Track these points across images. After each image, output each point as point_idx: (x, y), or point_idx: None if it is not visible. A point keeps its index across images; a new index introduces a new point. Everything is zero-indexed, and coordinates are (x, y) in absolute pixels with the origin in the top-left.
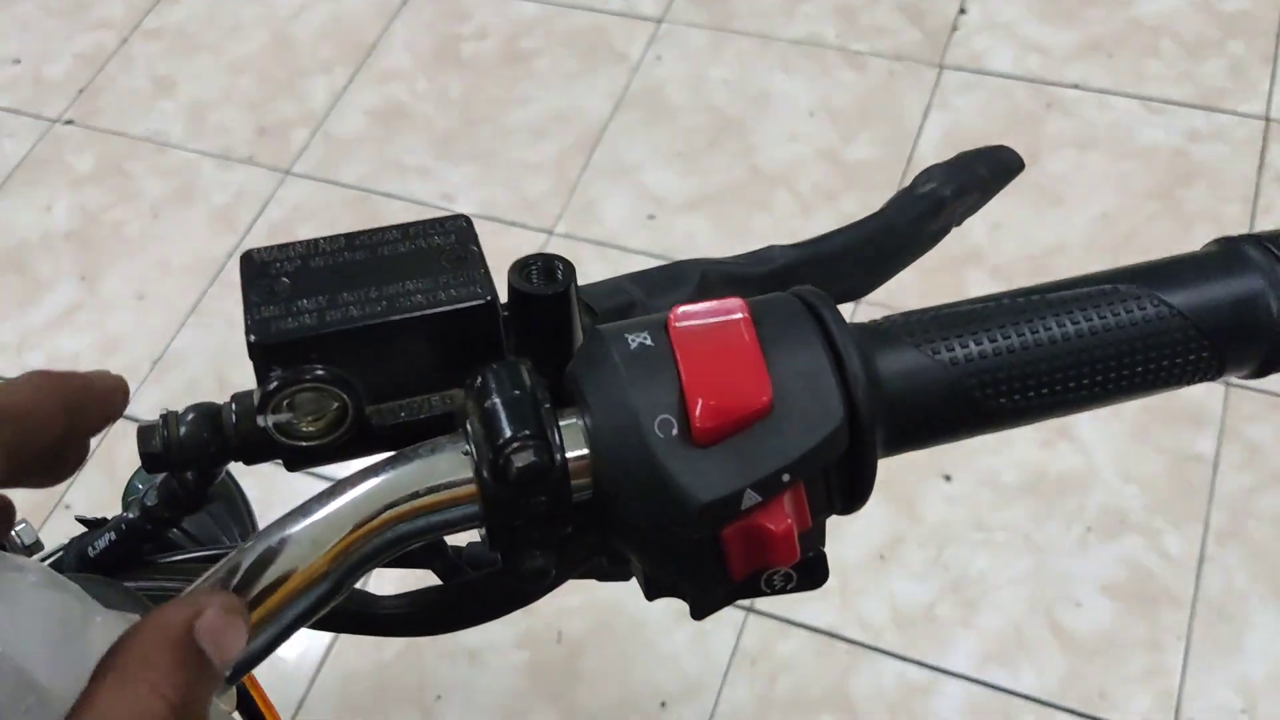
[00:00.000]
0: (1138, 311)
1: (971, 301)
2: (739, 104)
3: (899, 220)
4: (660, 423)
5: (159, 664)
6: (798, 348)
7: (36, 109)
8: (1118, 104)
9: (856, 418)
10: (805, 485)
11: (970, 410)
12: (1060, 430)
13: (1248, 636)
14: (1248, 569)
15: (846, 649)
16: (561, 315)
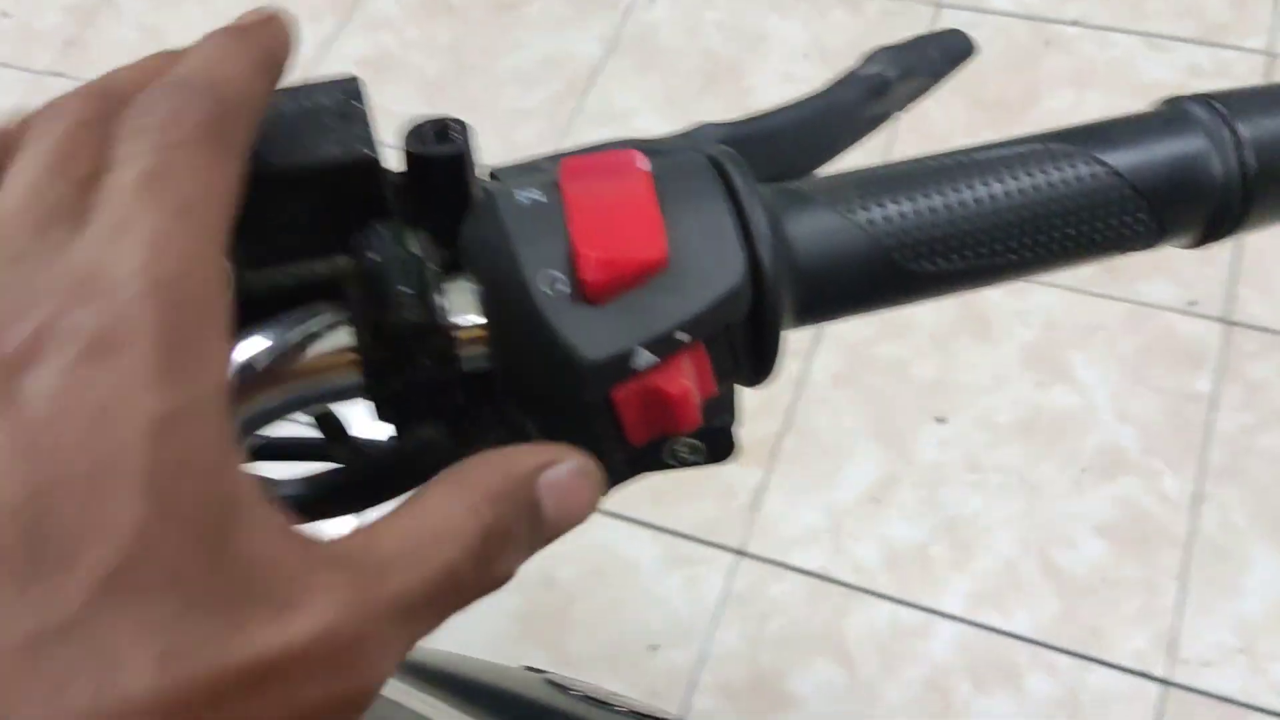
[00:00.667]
0: (1069, 170)
1: (895, 164)
2: (732, 46)
3: (839, 101)
4: (548, 279)
5: (491, 494)
6: (698, 202)
7: (25, 61)
8: (1118, 40)
9: (760, 276)
10: (709, 350)
11: (889, 275)
12: (1057, 371)
13: (1245, 576)
14: (1246, 508)
15: (839, 591)
16: (456, 179)
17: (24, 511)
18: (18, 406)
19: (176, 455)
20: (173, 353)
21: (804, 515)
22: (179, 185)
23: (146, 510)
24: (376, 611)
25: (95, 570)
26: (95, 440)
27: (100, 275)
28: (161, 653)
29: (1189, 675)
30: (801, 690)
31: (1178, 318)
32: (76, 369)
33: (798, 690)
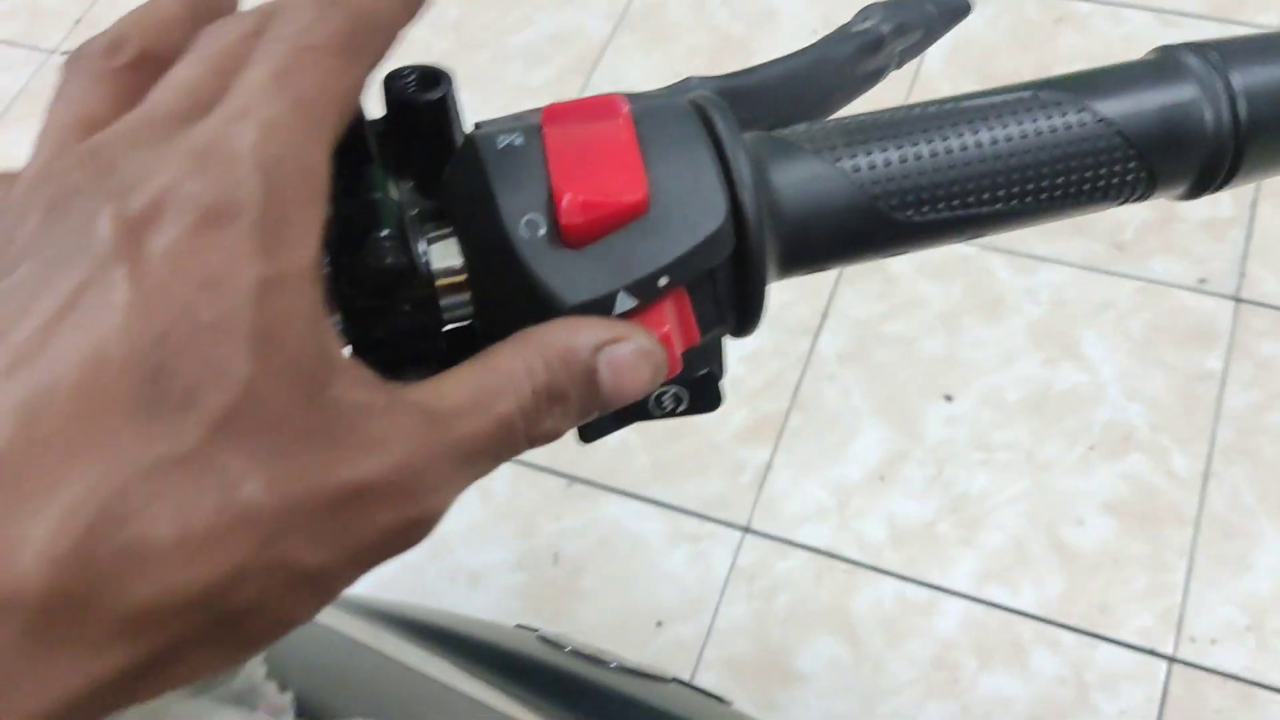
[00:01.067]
0: (1059, 118)
1: (881, 111)
2: (741, 22)
3: (830, 56)
4: (527, 222)
5: (550, 359)
6: (680, 146)
7: (34, 41)
8: (1131, 17)
9: (742, 220)
10: (695, 297)
11: (874, 224)
12: (1065, 349)
13: (1254, 553)
14: (1255, 486)
15: (845, 568)
16: (440, 126)
17: (150, 357)
18: (142, 263)
19: (278, 316)
20: (275, 226)
21: (810, 492)
22: (299, 81)
23: (254, 363)
24: (441, 453)
25: (212, 412)
26: (210, 300)
27: (216, 150)
28: (269, 477)
29: (1196, 653)
30: (807, 666)
31: (1188, 295)
32: (193, 234)
33: (804, 666)
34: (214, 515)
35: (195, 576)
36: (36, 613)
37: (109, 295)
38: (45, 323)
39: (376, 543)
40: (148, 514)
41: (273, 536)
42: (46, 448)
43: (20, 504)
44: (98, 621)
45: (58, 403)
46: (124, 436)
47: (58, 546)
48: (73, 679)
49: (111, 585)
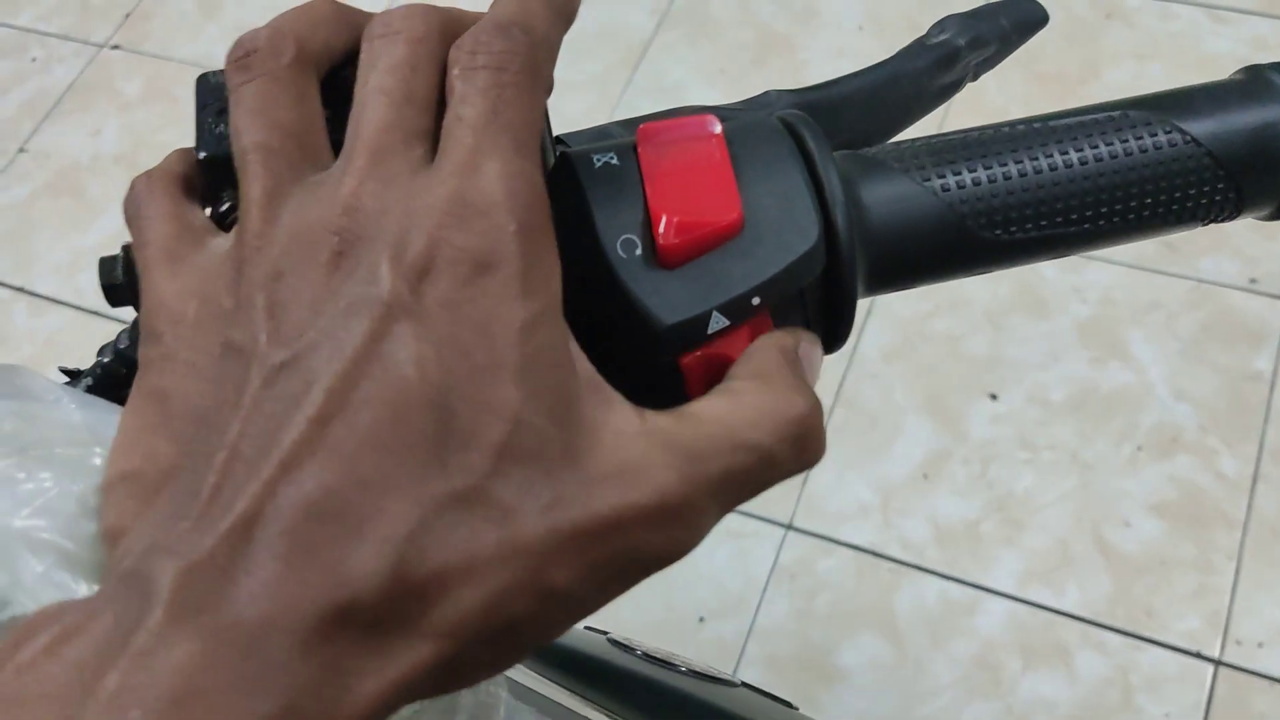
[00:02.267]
0: (1148, 139)
1: (968, 130)
2: (785, 19)
3: (907, 70)
4: (624, 243)
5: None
6: (773, 166)
7: (85, 34)
8: (1181, 12)
9: (833, 239)
10: (779, 317)
11: (962, 243)
12: (1113, 348)
13: None
14: None
15: (888, 567)
16: None
17: (437, 402)
18: (423, 314)
19: (538, 352)
20: (530, 270)
21: (853, 490)
22: (511, 120)
23: (521, 395)
24: (700, 486)
25: (492, 446)
26: (483, 345)
27: (469, 202)
28: (540, 505)
29: (1243, 656)
30: (849, 664)
31: (1238, 295)
32: (464, 285)
33: (845, 664)
34: (493, 545)
35: (479, 597)
36: (367, 622)
37: (401, 348)
38: (349, 372)
39: (631, 568)
40: (443, 543)
41: (541, 564)
42: (365, 486)
43: (349, 533)
44: (408, 632)
45: (372, 447)
46: (422, 475)
47: (383, 569)
48: (391, 672)
49: (420, 603)
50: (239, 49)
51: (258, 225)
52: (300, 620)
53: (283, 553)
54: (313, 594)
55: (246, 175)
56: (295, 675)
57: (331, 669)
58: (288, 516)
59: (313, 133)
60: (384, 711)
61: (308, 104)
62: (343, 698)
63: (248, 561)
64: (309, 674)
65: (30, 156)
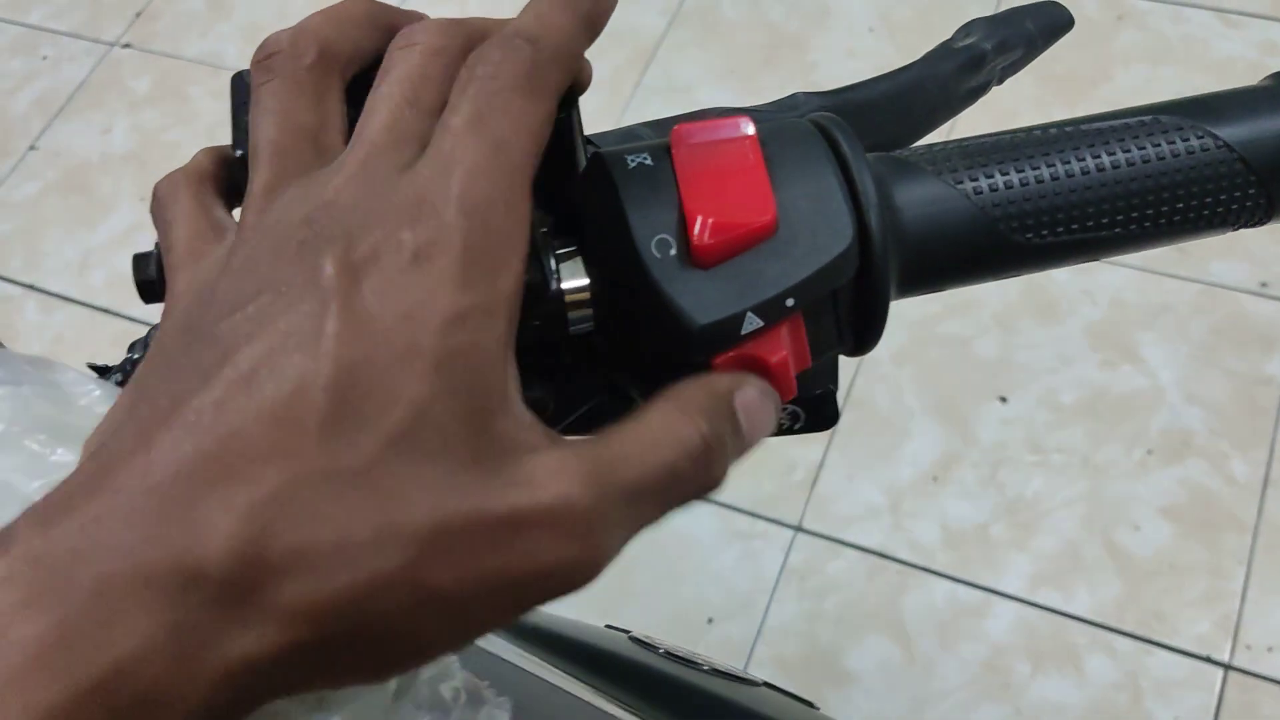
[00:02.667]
0: (1180, 144)
1: (1000, 133)
2: (796, 20)
3: (934, 73)
4: (658, 243)
5: (704, 409)
6: (806, 167)
7: (95, 33)
8: (1192, 16)
9: (867, 241)
10: (812, 320)
11: (994, 246)
12: (1123, 351)
13: None
14: None
15: (897, 569)
16: (566, 144)
17: (343, 380)
18: (353, 299)
19: (461, 348)
20: (472, 264)
21: (862, 492)
22: (494, 126)
23: (431, 389)
24: (608, 494)
25: (387, 431)
26: (402, 332)
27: (426, 201)
28: (426, 499)
29: (1252, 661)
30: (858, 666)
31: (1249, 299)
32: (399, 273)
33: (854, 666)
34: (372, 531)
35: (343, 582)
36: (215, 589)
37: (322, 325)
38: (273, 346)
39: (529, 579)
40: (316, 521)
41: (422, 557)
42: (246, 452)
43: (217, 495)
44: (260, 607)
45: (264, 415)
46: (308, 449)
47: (240, 536)
48: (236, 650)
49: (276, 577)
50: (263, 50)
51: (252, 217)
52: (144, 577)
53: (141, 509)
54: (160, 552)
55: (253, 171)
56: (131, 635)
57: (173, 634)
58: (157, 475)
59: (326, 131)
60: (232, 695)
61: (325, 105)
62: (184, 668)
63: (103, 515)
64: (146, 636)
65: (40, 154)
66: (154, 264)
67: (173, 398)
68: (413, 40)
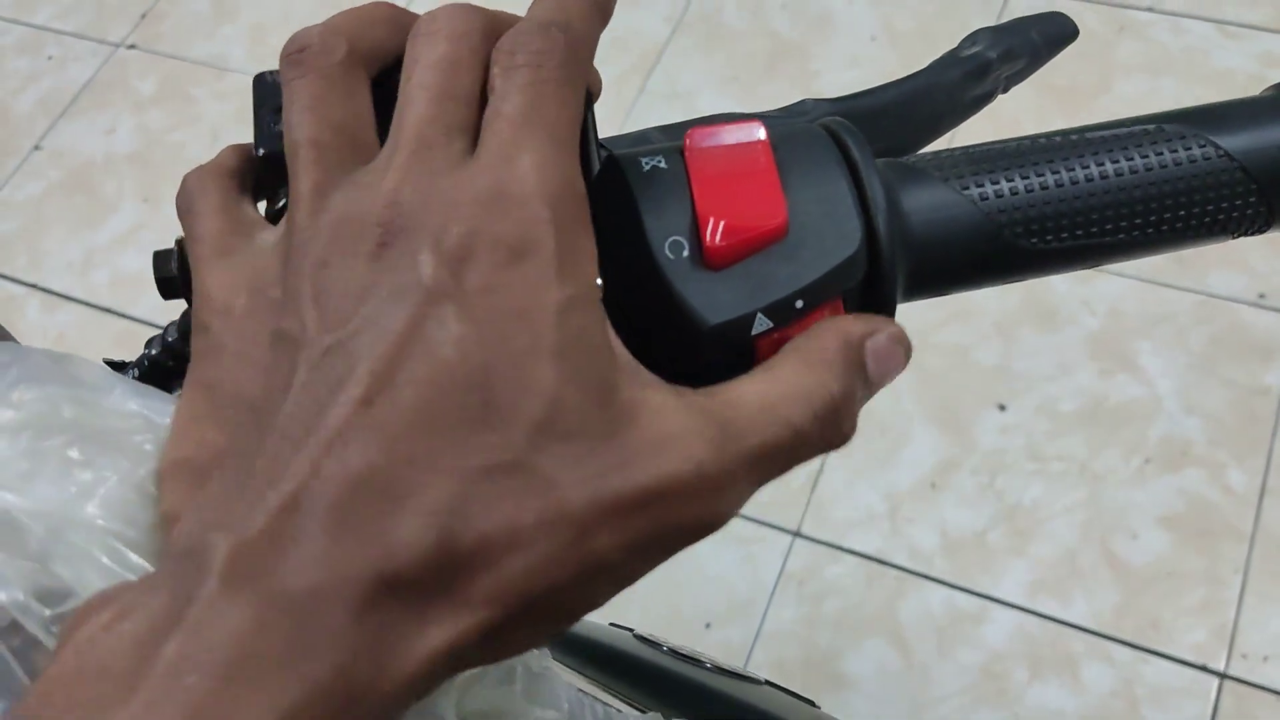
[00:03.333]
0: (1183, 152)
1: (1006, 140)
2: (799, 28)
3: (940, 81)
4: (671, 244)
5: (834, 363)
6: (817, 171)
7: (100, 34)
8: (1192, 27)
9: (875, 244)
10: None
11: (999, 251)
12: (1122, 360)
13: None
14: None
15: (895, 575)
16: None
17: (479, 381)
18: (464, 299)
19: (574, 333)
20: (565, 255)
21: (862, 498)
22: (548, 115)
23: (558, 378)
24: (736, 459)
25: (528, 423)
26: (521, 327)
27: (506, 193)
28: (580, 479)
29: (1248, 670)
30: (856, 671)
31: (1247, 310)
32: (502, 270)
33: (852, 671)
34: (535, 515)
35: (521, 566)
36: (411, 590)
37: (442, 330)
38: (393, 354)
39: (670, 538)
40: (486, 514)
41: (582, 533)
42: (410, 461)
43: (394, 506)
44: (451, 600)
45: (415, 424)
46: (465, 450)
47: (425, 541)
48: (437, 638)
49: (462, 572)
50: (293, 45)
51: (305, 218)
52: (348, 588)
53: (329, 525)
54: (359, 564)
55: (296, 169)
56: (344, 640)
57: (379, 634)
58: (333, 491)
59: (362, 128)
60: (432, 676)
61: (357, 100)
62: (391, 662)
63: (296, 534)
64: (357, 639)
65: (44, 154)
66: (175, 260)
67: (306, 411)
68: (434, 27)
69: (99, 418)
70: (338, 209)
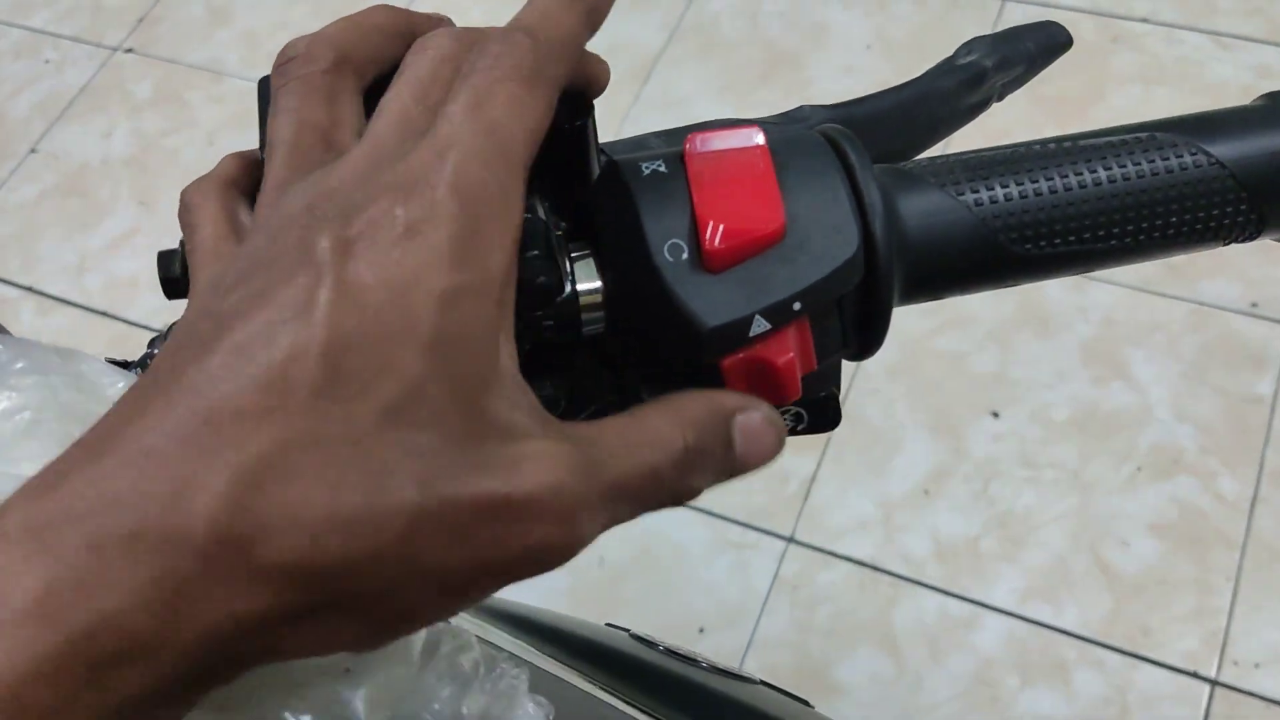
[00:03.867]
0: (1174, 159)
1: (1000, 147)
2: (793, 37)
3: (936, 89)
4: (670, 247)
5: (696, 421)
6: (815, 176)
7: (97, 37)
8: (1187, 38)
9: (872, 249)
10: (817, 324)
11: (993, 256)
12: (1115, 368)
13: None
14: None
15: (888, 581)
16: (581, 151)
17: (337, 351)
18: (347, 273)
19: (454, 327)
20: (463, 243)
21: (854, 504)
22: (490, 111)
23: (424, 364)
24: (593, 486)
25: (379, 402)
26: (395, 305)
27: (420, 181)
28: (421, 475)
29: (1239, 677)
30: (848, 678)
31: (1239, 319)
32: (391, 248)
33: (845, 677)
34: (362, 499)
35: (333, 549)
36: (202, 546)
37: (316, 297)
38: (269, 318)
39: (513, 559)
40: (306, 484)
41: (412, 532)
42: (240, 415)
43: (208, 455)
44: (247, 567)
45: (258, 381)
46: (302, 414)
47: (227, 496)
48: (222, 608)
49: (264, 537)
50: (282, 56)
51: (264, 212)
52: (132, 532)
53: (135, 468)
54: (149, 509)
55: (267, 168)
56: (123, 585)
57: (161, 586)
58: (150, 437)
59: (340, 131)
60: (224, 652)
61: (338, 106)
62: (171, 620)
63: (99, 475)
64: (137, 586)
65: (40, 157)
66: (178, 261)
67: (172, 370)
68: (426, 46)
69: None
70: (287, 201)
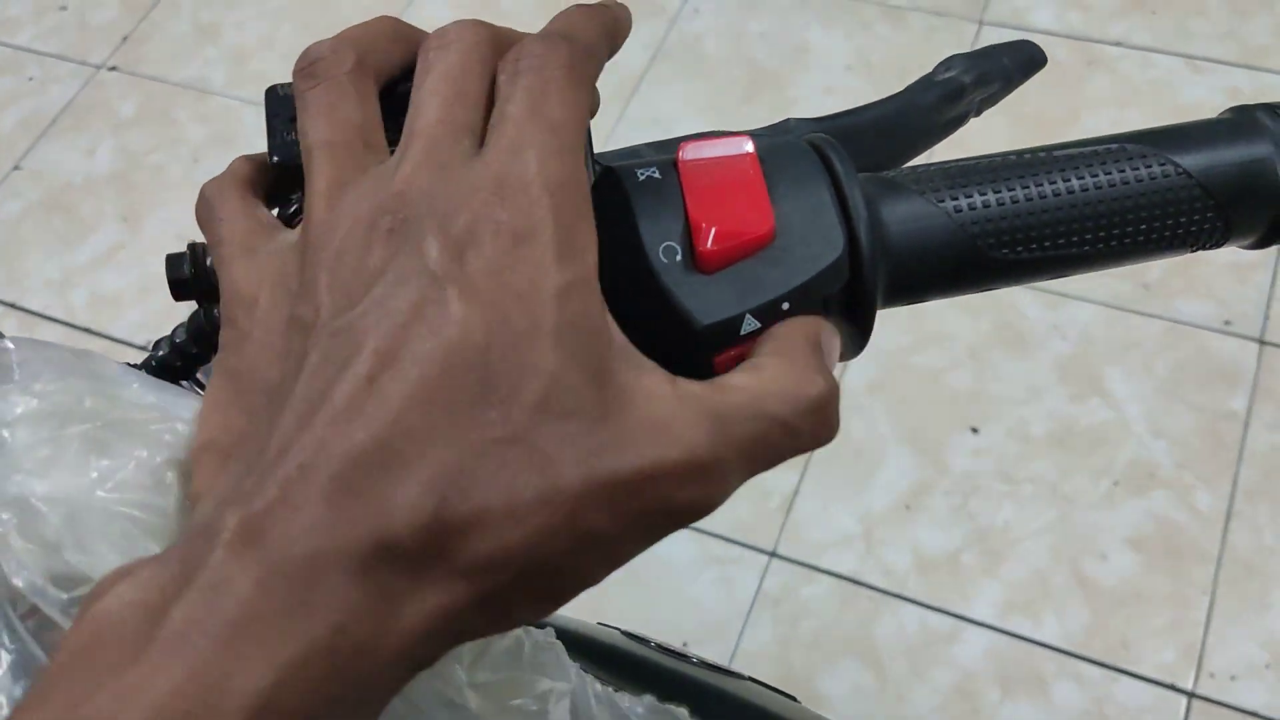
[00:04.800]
0: (1144, 170)
1: (979, 157)
2: (775, 57)
3: (916, 103)
4: (665, 249)
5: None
6: (802, 183)
7: (82, 55)
8: (1160, 62)
9: (857, 252)
10: None
11: (972, 261)
12: (1091, 385)
13: (1275, 592)
14: (1277, 526)
15: (869, 595)
16: None
17: (480, 359)
18: (467, 281)
19: (574, 316)
20: (564, 241)
21: (836, 519)
22: (551, 114)
23: (558, 359)
24: (727, 448)
25: (529, 401)
26: (521, 307)
27: (509, 183)
28: (578, 458)
29: (1216, 689)
30: (831, 691)
31: (1213, 336)
32: (504, 254)
33: (827, 691)
34: (535, 492)
35: (517, 537)
36: (407, 556)
37: (445, 311)
38: (398, 333)
39: (661, 519)
40: (484, 486)
41: (578, 510)
42: (409, 436)
43: (394, 477)
44: (447, 566)
45: (419, 399)
46: (465, 425)
47: (422, 509)
48: (430, 604)
49: (458, 541)
50: (304, 59)
51: (322, 213)
52: (347, 553)
53: (331, 494)
54: (358, 530)
55: (312, 170)
56: (342, 602)
57: (376, 598)
58: (337, 463)
59: (373, 131)
60: (431, 641)
61: (368, 106)
62: (387, 624)
63: (299, 503)
64: (354, 601)
65: (24, 174)
66: (188, 263)
67: (315, 390)
68: (446, 40)
69: (118, 409)
70: (350, 203)
